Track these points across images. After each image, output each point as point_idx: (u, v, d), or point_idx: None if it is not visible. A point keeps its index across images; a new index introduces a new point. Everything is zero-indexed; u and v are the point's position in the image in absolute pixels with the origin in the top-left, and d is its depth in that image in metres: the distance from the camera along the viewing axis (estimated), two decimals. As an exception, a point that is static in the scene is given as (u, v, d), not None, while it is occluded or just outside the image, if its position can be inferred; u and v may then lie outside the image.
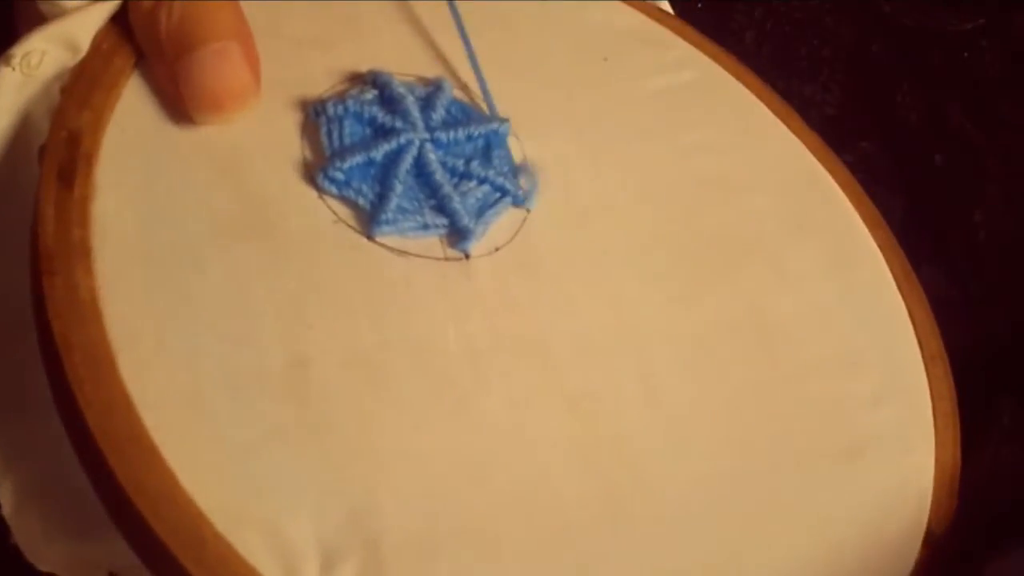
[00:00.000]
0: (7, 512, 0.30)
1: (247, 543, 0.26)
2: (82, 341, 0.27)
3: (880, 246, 0.39)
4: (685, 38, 0.41)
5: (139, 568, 0.27)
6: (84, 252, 0.29)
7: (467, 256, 0.33)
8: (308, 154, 0.33)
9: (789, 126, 0.40)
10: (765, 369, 0.34)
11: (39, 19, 0.32)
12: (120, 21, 0.33)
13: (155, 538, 0.26)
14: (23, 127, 0.32)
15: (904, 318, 0.37)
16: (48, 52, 0.31)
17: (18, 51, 0.31)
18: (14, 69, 0.31)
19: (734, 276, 0.36)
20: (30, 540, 0.30)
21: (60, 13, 0.32)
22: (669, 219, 0.36)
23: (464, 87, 0.36)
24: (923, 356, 0.37)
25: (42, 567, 0.30)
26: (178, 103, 0.31)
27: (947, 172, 0.49)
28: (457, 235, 0.33)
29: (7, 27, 0.37)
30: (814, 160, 0.40)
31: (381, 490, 0.28)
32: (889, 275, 0.38)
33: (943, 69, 0.53)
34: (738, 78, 0.41)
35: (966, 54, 0.53)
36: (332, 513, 0.27)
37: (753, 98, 0.41)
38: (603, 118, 0.37)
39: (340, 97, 0.34)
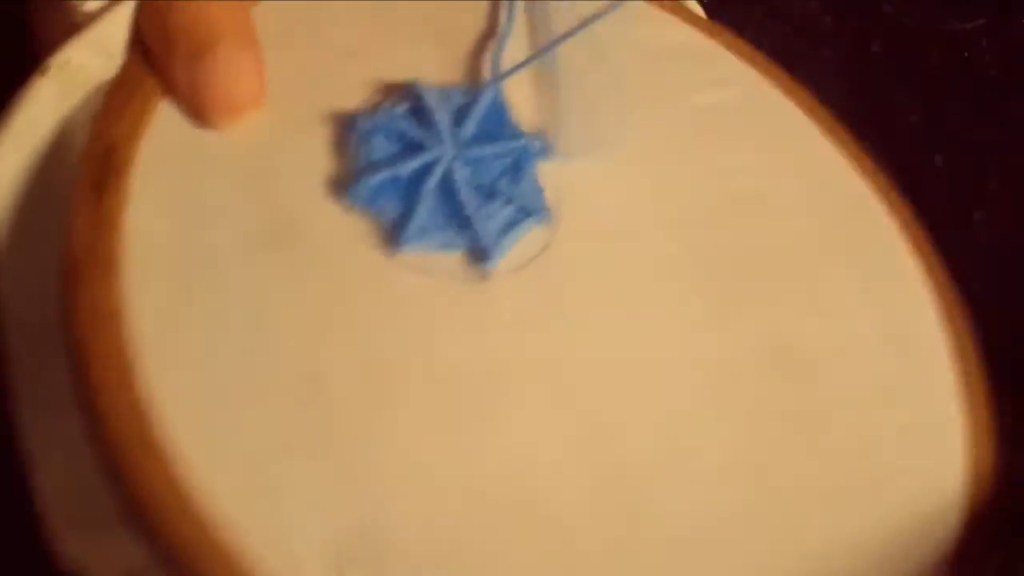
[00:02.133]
0: (40, 505, 0.30)
1: (253, 550, 0.27)
2: (103, 349, 0.28)
3: (925, 272, 0.37)
4: (736, 52, 0.40)
5: (154, 569, 0.27)
6: (111, 262, 0.29)
7: (488, 276, 0.33)
8: (337, 169, 0.33)
9: (841, 148, 0.38)
10: (789, 402, 0.33)
11: (59, 21, 0.32)
12: None
13: (164, 544, 0.27)
14: (63, 137, 0.32)
15: (942, 348, 0.35)
16: (86, 61, 0.31)
17: (54, 61, 0.31)
18: (49, 79, 0.31)
19: (764, 303, 0.34)
20: (57, 532, 0.31)
21: (81, 14, 0.32)
22: (700, 243, 0.35)
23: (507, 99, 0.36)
24: (960, 389, 0.35)
25: (66, 563, 0.31)
26: (190, 108, 0.31)
27: (947, 172, 0.50)
28: (479, 254, 0.33)
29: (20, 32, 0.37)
30: (864, 184, 0.38)
31: (390, 505, 0.28)
32: (932, 310, 0.36)
33: (943, 69, 0.54)
34: (790, 96, 0.39)
35: (966, 54, 0.54)
36: (339, 526, 0.28)
37: (804, 118, 0.39)
38: (640, 136, 0.37)
39: (371, 111, 0.34)
